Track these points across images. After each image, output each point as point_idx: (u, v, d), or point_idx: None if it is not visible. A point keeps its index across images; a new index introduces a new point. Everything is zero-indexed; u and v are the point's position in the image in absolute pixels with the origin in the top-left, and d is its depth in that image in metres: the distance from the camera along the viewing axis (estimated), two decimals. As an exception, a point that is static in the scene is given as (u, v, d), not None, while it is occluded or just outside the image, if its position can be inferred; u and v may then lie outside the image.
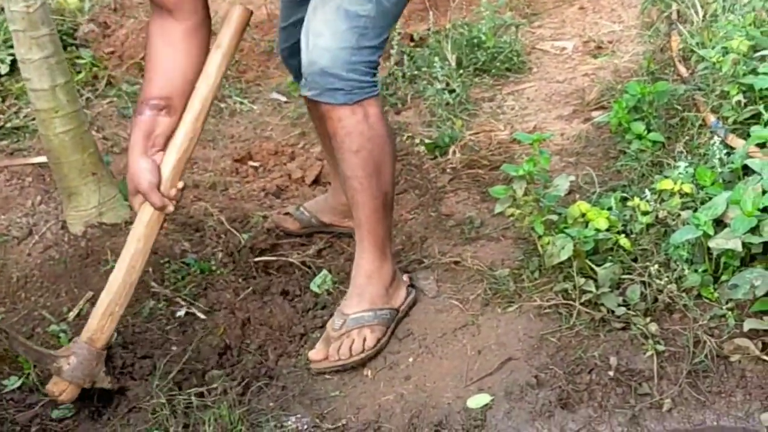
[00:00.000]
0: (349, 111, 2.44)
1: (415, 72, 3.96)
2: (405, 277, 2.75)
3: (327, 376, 2.55)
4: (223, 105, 4.04)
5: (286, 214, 3.15)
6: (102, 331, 2.45)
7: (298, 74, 2.70)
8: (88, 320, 2.47)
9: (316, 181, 3.50)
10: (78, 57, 4.38)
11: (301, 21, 2.52)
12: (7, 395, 2.64)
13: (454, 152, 3.40)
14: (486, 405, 2.35)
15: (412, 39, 4.34)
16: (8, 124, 3.97)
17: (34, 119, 3.44)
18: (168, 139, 2.47)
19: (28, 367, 2.66)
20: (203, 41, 2.48)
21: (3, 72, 4.17)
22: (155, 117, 2.44)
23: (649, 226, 2.67)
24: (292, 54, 2.77)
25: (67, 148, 2.98)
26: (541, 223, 2.64)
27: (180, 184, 2.48)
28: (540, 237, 2.67)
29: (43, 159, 3.36)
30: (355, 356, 2.56)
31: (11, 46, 3.23)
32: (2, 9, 3.16)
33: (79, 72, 4.27)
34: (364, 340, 2.58)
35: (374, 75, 2.47)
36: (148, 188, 2.43)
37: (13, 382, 2.67)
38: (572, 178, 2.72)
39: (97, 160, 3.07)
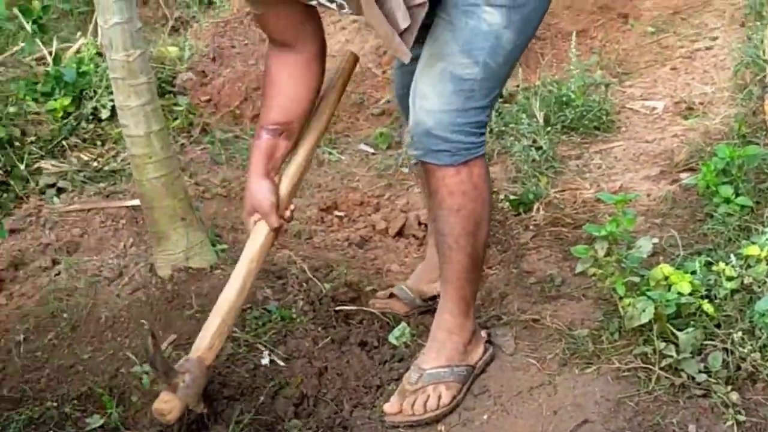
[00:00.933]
0: (453, 171, 2.47)
1: (503, 128, 3.99)
2: (483, 333, 2.75)
3: (401, 430, 2.56)
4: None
5: (391, 296, 3.09)
6: (211, 350, 2.49)
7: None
8: (197, 340, 2.51)
9: (399, 233, 3.55)
10: (175, 104, 4.51)
11: (413, 61, 2.52)
12: (89, 434, 2.73)
13: (538, 209, 3.41)
14: (560, 466, 2.34)
15: (501, 95, 4.36)
16: (106, 167, 4.10)
17: (130, 163, 3.55)
18: (284, 161, 2.60)
19: (110, 406, 2.73)
20: (319, 70, 2.60)
21: (104, 117, 4.32)
22: (275, 140, 2.57)
23: (733, 291, 2.62)
24: (405, 96, 2.78)
25: (159, 193, 3.05)
26: (622, 285, 2.62)
27: (291, 207, 2.60)
28: (621, 298, 2.64)
29: (137, 202, 3.45)
30: (429, 413, 2.56)
31: (112, 92, 3.35)
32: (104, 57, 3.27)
33: (176, 118, 4.40)
34: (440, 397, 2.58)
35: (481, 134, 2.50)
36: (269, 209, 2.53)
37: (96, 421, 2.74)
38: (655, 240, 2.71)
39: (187, 206, 3.13)
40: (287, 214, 2.59)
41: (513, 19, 2.40)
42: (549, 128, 3.94)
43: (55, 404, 2.80)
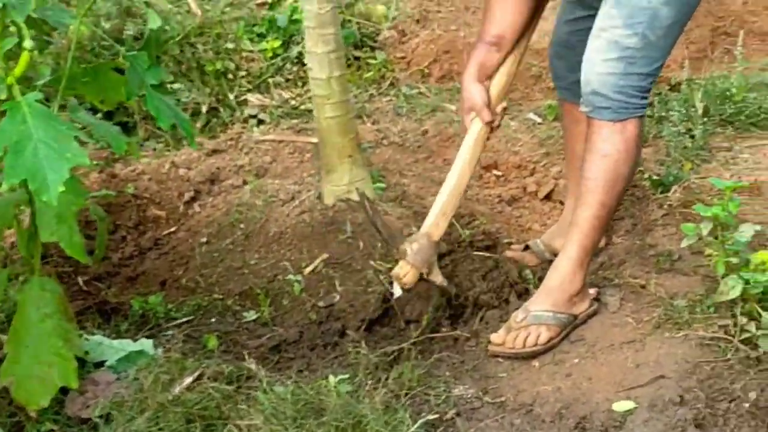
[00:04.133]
0: (611, 124, 2.88)
1: (663, 114, 4.20)
2: (593, 291, 3.05)
3: (500, 360, 2.90)
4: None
5: (526, 248, 3.45)
6: (437, 228, 2.98)
7: (557, 76, 3.31)
8: (425, 220, 3.00)
9: (547, 197, 3.85)
10: (372, 57, 4.95)
11: (573, 21, 3.14)
12: (244, 324, 3.20)
13: (675, 191, 3.63)
14: (629, 411, 2.58)
15: (670, 83, 4.58)
16: (302, 106, 4.59)
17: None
18: (494, 71, 3.03)
19: (264, 305, 3.20)
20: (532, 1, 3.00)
21: (306, 61, 4.77)
22: (489, 51, 3.02)
23: (828, 283, 2.81)
24: (557, 54, 3.31)
25: (333, 131, 3.44)
26: (723, 264, 2.85)
27: (503, 104, 3.06)
28: (723, 276, 2.87)
29: (319, 139, 3.87)
30: (527, 348, 2.91)
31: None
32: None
33: (370, 71, 4.84)
34: (538, 336, 2.91)
35: (642, 98, 2.89)
36: (481, 106, 2.99)
37: (251, 315, 3.23)
38: (758, 227, 2.90)
39: (355, 145, 3.50)
40: (498, 109, 3.03)
41: None
42: (706, 119, 4.12)
43: (220, 297, 3.31)
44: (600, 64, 2.86)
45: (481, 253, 3.39)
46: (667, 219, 3.52)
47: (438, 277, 2.98)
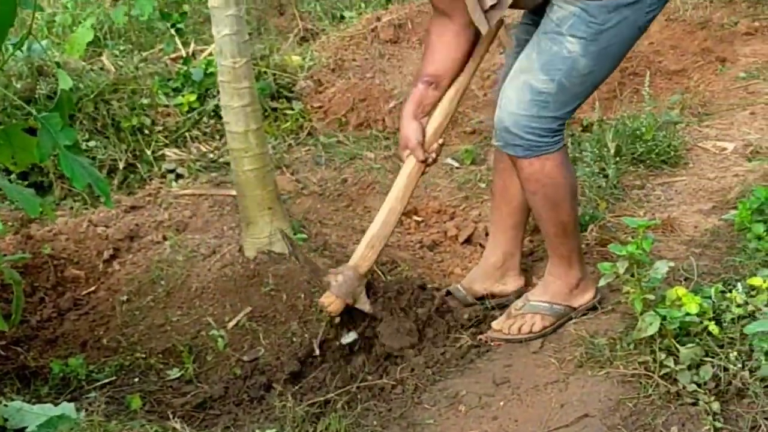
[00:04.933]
0: (527, 162, 3.00)
1: (577, 155, 4.29)
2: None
3: (426, 406, 2.91)
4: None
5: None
6: (364, 260, 3.10)
7: None
8: (355, 251, 3.10)
9: (467, 241, 3.89)
10: (289, 108, 4.97)
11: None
12: (168, 383, 3.17)
13: (591, 230, 3.69)
14: (555, 451, 2.65)
15: (582, 124, 4.67)
16: (220, 159, 4.58)
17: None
18: (432, 108, 3.12)
19: (188, 362, 3.18)
20: (467, 38, 3.08)
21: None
22: (426, 90, 3.11)
23: (740, 317, 2.88)
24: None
25: (251, 184, 3.46)
26: (640, 301, 2.91)
27: (440, 141, 3.16)
28: (641, 313, 2.93)
29: (239, 192, 3.86)
30: (520, 335, 3.12)
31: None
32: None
33: (287, 121, 4.85)
34: (533, 324, 3.11)
35: (553, 137, 3.00)
36: (415, 145, 3.10)
37: (175, 373, 3.20)
38: (671, 263, 2.95)
39: (275, 197, 3.52)
40: (434, 147, 3.13)
41: (590, 50, 2.90)
42: (618, 159, 4.22)
43: (143, 356, 3.27)
44: (514, 104, 2.96)
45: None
46: (584, 258, 3.56)
47: (365, 306, 3.08)
